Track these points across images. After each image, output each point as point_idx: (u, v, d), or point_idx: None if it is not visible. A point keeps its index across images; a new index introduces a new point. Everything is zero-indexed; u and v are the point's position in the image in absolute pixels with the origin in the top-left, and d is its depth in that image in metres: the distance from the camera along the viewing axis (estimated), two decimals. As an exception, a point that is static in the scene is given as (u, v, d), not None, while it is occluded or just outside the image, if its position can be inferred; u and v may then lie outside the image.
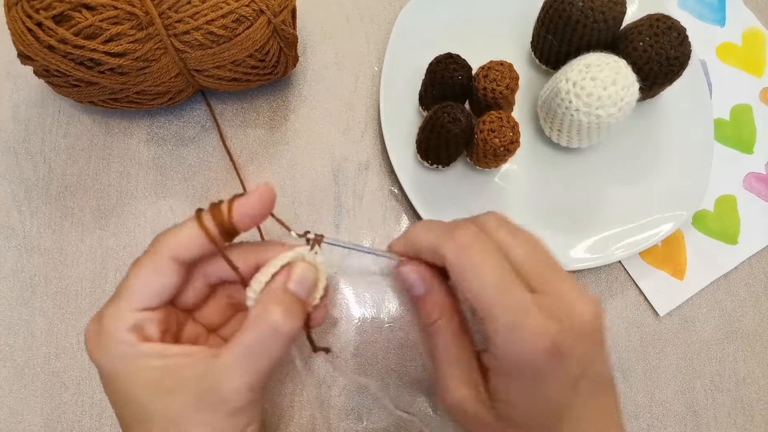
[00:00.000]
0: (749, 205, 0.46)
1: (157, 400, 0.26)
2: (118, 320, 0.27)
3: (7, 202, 0.43)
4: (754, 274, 0.45)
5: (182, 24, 0.35)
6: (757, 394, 0.43)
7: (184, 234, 0.27)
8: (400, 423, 0.40)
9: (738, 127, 0.48)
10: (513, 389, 0.26)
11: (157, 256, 0.27)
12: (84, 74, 0.36)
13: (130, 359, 0.26)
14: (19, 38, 0.34)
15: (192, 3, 0.35)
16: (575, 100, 0.38)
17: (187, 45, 0.36)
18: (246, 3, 0.35)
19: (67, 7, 0.34)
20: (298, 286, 0.29)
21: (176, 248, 0.27)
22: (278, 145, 0.45)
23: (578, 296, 0.27)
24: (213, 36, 0.36)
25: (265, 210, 0.28)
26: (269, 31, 0.37)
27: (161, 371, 0.26)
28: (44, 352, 0.40)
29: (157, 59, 0.36)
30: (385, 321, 0.42)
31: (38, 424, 0.39)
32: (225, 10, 0.35)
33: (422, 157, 0.42)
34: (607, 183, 0.44)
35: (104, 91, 0.38)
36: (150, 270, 0.27)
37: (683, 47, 0.39)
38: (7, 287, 0.41)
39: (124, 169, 0.44)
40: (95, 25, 0.34)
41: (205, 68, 0.38)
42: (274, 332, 0.27)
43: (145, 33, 0.35)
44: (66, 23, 0.34)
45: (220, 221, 0.27)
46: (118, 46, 0.34)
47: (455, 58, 0.39)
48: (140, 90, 0.38)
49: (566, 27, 0.40)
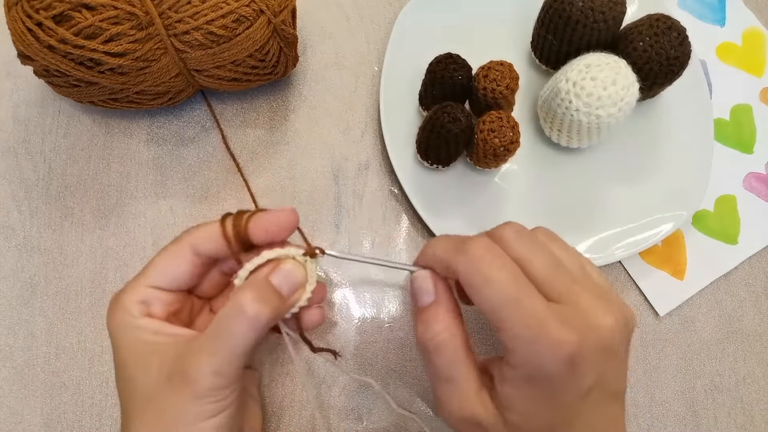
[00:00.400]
0: (749, 205, 0.46)
1: (141, 374, 0.28)
2: (131, 293, 0.29)
3: (7, 202, 0.43)
4: (754, 274, 0.45)
5: (182, 24, 0.35)
6: (757, 394, 0.43)
7: (206, 229, 0.30)
8: (400, 423, 0.40)
9: (738, 127, 0.48)
10: (527, 399, 0.26)
11: (178, 244, 0.30)
12: (84, 74, 0.36)
13: (129, 329, 0.29)
14: (19, 38, 0.34)
15: (192, 3, 0.35)
16: (575, 100, 0.38)
17: (187, 45, 0.36)
18: (246, 3, 0.35)
19: (67, 7, 0.34)
20: (280, 280, 0.29)
21: (195, 239, 0.30)
22: (278, 145, 0.45)
23: (601, 307, 0.26)
24: (213, 36, 0.36)
25: (280, 230, 0.30)
26: (269, 31, 0.37)
27: (150, 347, 0.28)
28: (44, 352, 0.40)
29: (157, 59, 0.36)
30: (385, 321, 0.42)
31: (38, 424, 0.39)
32: (225, 10, 0.35)
33: (422, 157, 0.42)
34: (607, 183, 0.44)
35: (104, 91, 0.38)
36: (169, 254, 0.30)
37: (683, 47, 0.39)
38: (7, 287, 0.41)
39: (124, 169, 0.44)
40: (95, 25, 0.34)
41: (205, 68, 0.38)
42: (238, 314, 0.27)
43: (145, 33, 0.35)
44: (66, 23, 0.34)
45: (237, 229, 0.30)
46: (118, 46, 0.34)
47: (455, 58, 0.39)
48: (140, 90, 0.38)
49: (566, 27, 0.40)
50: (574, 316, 0.26)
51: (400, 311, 0.42)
